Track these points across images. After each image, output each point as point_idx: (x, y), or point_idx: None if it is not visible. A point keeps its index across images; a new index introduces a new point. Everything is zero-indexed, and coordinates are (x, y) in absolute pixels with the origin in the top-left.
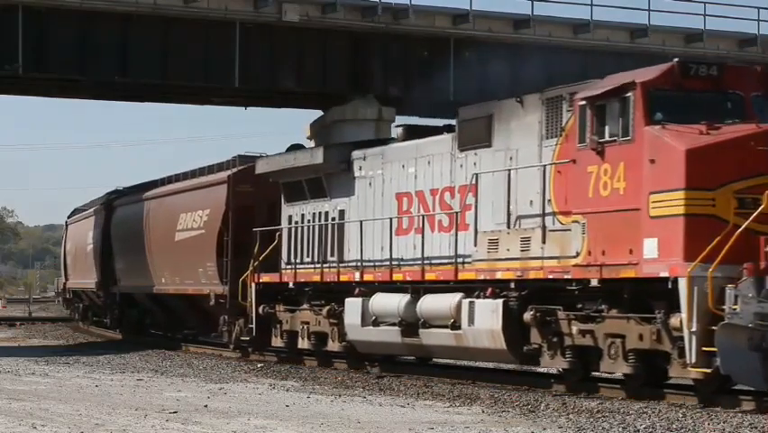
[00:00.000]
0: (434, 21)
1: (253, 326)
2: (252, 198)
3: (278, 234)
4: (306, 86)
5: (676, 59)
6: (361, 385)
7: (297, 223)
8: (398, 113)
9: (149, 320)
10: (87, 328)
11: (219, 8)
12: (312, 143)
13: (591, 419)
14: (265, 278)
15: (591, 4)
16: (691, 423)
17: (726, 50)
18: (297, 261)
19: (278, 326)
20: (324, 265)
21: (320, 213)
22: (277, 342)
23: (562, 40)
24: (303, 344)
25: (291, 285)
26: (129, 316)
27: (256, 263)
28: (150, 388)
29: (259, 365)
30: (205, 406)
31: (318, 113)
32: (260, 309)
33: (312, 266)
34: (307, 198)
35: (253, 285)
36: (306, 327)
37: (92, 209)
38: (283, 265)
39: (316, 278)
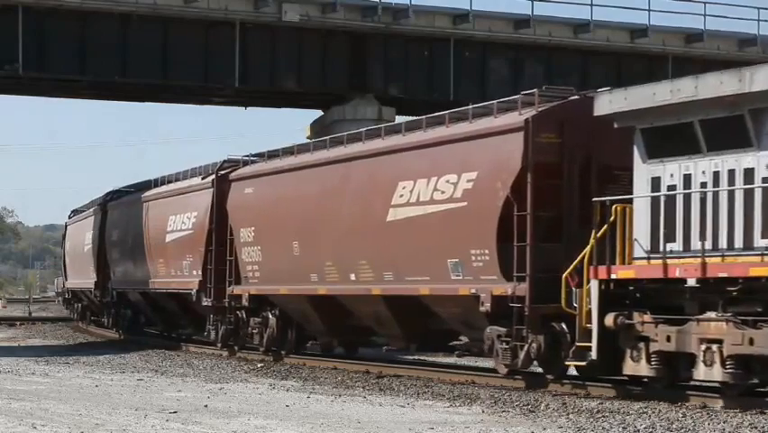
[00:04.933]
0: (434, 21)
1: (594, 344)
2: (558, 152)
3: (615, 207)
4: (306, 86)
5: None
6: (361, 385)
7: (672, 189)
8: (398, 113)
9: (292, 329)
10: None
11: (219, 8)
12: None
13: (591, 419)
14: (624, 272)
15: (591, 4)
16: (691, 423)
17: (726, 50)
18: (675, 247)
19: (640, 345)
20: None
21: (731, 172)
22: (638, 369)
23: (562, 40)
24: (709, 373)
25: (693, 283)
26: (263, 327)
27: (595, 248)
28: (150, 388)
29: (259, 365)
30: (206, 406)
31: (318, 113)
32: (611, 320)
33: (719, 254)
34: (702, 149)
35: (594, 282)
36: (714, 348)
37: (173, 186)
38: (641, 253)
39: (759, 271)
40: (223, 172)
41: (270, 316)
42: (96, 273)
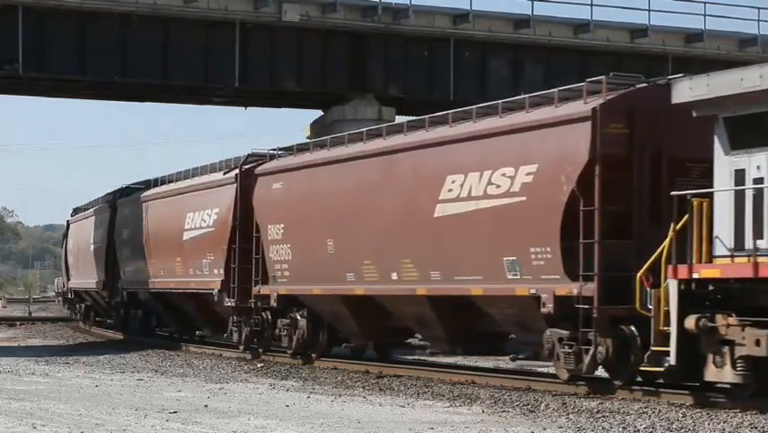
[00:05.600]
0: (434, 21)
1: (673, 348)
2: (627, 143)
3: (695, 200)
4: (306, 86)
5: None
6: (360, 385)
7: (759, 181)
8: (398, 113)
9: (324, 331)
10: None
11: (219, 8)
12: None
13: (591, 419)
14: (708, 271)
15: (591, 4)
16: (691, 423)
17: (726, 50)
18: (763, 244)
19: (723, 349)
20: None
21: None
22: (722, 375)
23: (562, 40)
24: None
25: None
26: (293, 328)
27: (674, 246)
28: (150, 388)
29: (259, 365)
30: (205, 406)
31: (318, 113)
32: (692, 322)
33: None
34: None
35: (673, 282)
36: None
37: (190, 182)
38: (723, 251)
39: None
40: (247, 167)
41: (299, 317)
42: (104, 273)
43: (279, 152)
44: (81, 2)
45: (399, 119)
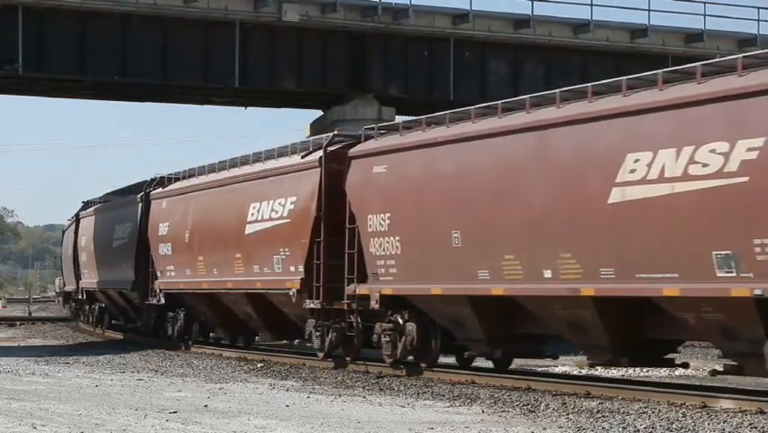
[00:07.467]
0: (434, 21)
1: None
2: None
3: None
4: (306, 86)
5: None
6: (360, 385)
7: None
8: (398, 113)
9: (436, 337)
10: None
11: (219, 8)
12: None
13: (591, 419)
14: None
15: (591, 4)
16: (691, 423)
17: (727, 50)
18: None
19: None
20: None
21: None
22: None
23: (562, 40)
24: None
25: None
26: (397, 334)
27: None
28: (150, 388)
29: (258, 365)
30: (205, 406)
31: (318, 113)
32: None
33: None
34: None
35: None
36: None
37: (251, 168)
38: None
39: None
40: (333, 148)
41: (403, 320)
42: (133, 272)
43: (376, 132)
44: (81, 2)
45: (399, 119)
